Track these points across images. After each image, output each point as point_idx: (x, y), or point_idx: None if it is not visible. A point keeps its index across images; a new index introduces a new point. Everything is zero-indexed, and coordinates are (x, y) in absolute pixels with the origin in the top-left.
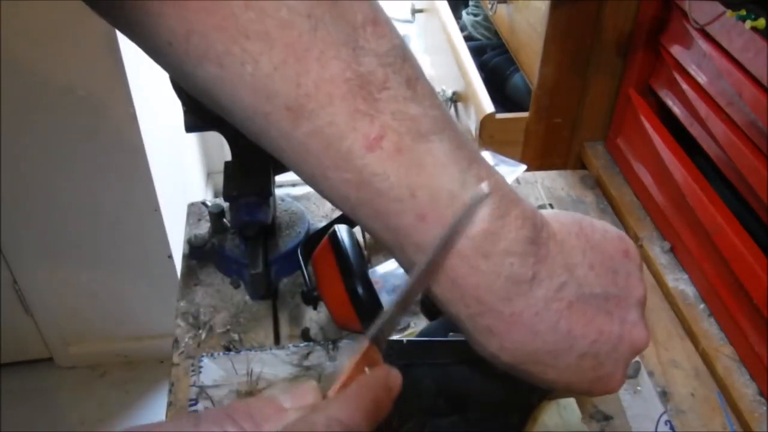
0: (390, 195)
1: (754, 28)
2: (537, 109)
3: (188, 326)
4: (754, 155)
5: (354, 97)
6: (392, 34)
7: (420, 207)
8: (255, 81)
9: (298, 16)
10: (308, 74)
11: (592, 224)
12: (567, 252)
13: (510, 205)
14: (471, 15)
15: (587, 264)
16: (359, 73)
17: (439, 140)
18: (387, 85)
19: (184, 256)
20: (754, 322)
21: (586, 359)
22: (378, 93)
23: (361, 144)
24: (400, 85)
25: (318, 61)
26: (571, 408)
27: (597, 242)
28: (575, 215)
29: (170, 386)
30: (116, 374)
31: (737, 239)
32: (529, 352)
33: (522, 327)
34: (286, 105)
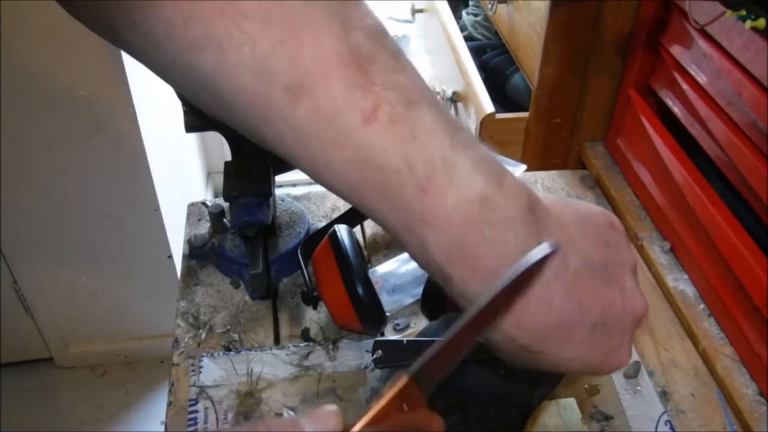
0: (389, 168)
1: (754, 28)
2: (537, 109)
3: (188, 326)
4: (754, 155)
5: (349, 71)
6: (371, 11)
7: (419, 178)
8: (254, 62)
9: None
10: (304, 51)
11: (576, 202)
12: (564, 224)
13: (502, 176)
14: (471, 15)
15: (582, 235)
16: (350, 46)
17: (427, 107)
18: (375, 57)
19: (184, 256)
20: (754, 322)
21: (597, 330)
22: (368, 65)
23: (359, 117)
24: (387, 57)
25: (312, 37)
26: (571, 408)
27: (585, 215)
28: (556, 196)
29: (170, 386)
30: (116, 374)
31: (737, 239)
32: (545, 328)
33: (536, 300)
34: (285, 85)
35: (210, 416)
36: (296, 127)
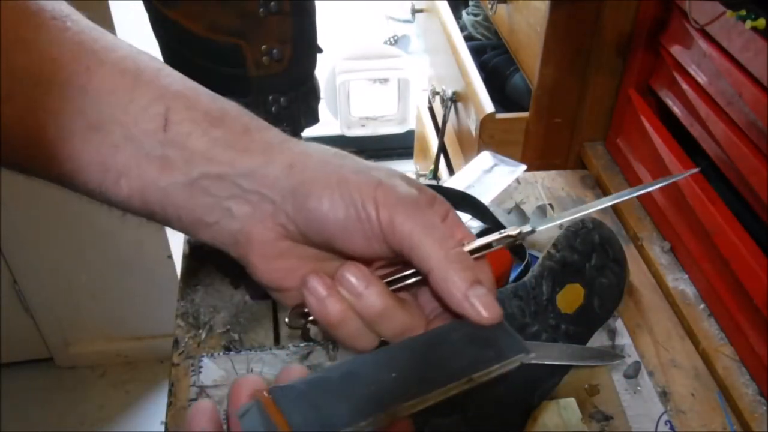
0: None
1: (754, 28)
2: (537, 109)
3: (188, 326)
4: (754, 155)
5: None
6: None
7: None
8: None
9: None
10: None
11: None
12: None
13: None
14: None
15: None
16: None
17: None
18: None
19: (184, 256)
20: (754, 322)
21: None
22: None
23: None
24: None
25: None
26: (571, 408)
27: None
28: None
29: (170, 386)
30: (116, 374)
31: (737, 239)
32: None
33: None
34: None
35: None
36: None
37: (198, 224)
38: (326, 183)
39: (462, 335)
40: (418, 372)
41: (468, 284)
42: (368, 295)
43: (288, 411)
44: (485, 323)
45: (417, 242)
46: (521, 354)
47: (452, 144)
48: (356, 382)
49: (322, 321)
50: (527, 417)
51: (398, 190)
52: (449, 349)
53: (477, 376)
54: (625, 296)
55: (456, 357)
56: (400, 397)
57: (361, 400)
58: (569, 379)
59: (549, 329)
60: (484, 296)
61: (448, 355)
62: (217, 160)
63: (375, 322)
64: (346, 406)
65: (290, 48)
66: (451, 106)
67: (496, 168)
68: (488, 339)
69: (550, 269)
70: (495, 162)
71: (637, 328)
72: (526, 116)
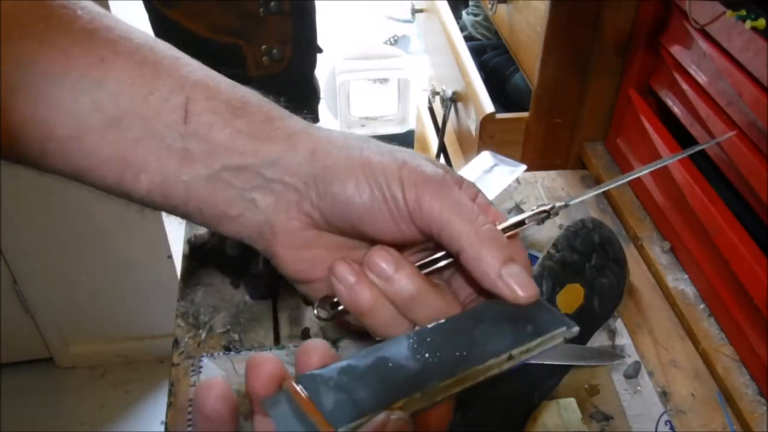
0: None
1: (754, 28)
2: (537, 109)
3: (188, 326)
4: (754, 155)
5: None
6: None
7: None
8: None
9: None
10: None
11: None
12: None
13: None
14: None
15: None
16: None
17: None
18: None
19: (184, 256)
20: (754, 322)
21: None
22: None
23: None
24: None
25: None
26: (571, 408)
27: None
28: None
29: (170, 386)
30: (116, 374)
31: (737, 239)
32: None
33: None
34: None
35: None
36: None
37: (221, 218)
38: (349, 167)
39: (498, 313)
40: (454, 352)
41: (501, 262)
42: (399, 278)
43: (318, 398)
44: (521, 302)
45: (446, 221)
46: (562, 328)
47: (452, 144)
48: (388, 365)
49: (353, 309)
50: (527, 417)
51: (424, 169)
52: (485, 328)
53: (517, 352)
54: (625, 296)
55: (493, 335)
56: (435, 377)
57: (394, 382)
58: (569, 379)
59: None
60: (518, 274)
61: (484, 334)
62: (239, 151)
63: (408, 307)
64: (379, 388)
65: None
66: (451, 106)
67: (496, 168)
68: (526, 316)
69: (550, 269)
70: (495, 162)
71: (637, 328)
72: (526, 116)
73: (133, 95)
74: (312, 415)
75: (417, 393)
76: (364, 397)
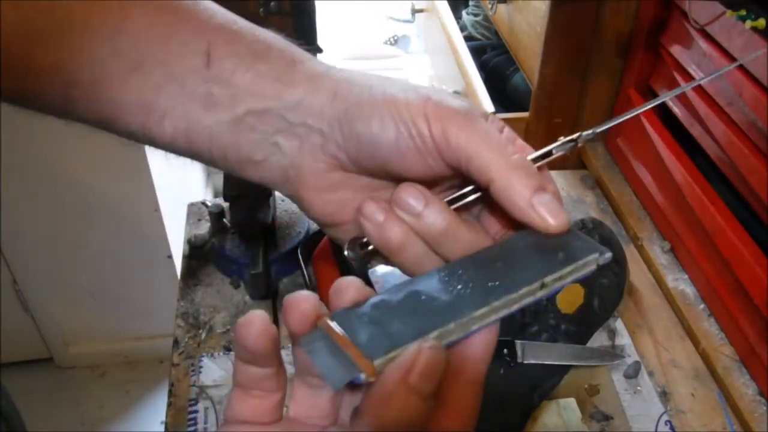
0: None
1: (754, 28)
2: (537, 109)
3: (188, 326)
4: (754, 155)
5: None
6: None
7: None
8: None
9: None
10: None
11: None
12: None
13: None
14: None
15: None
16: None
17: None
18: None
19: (184, 256)
20: (754, 322)
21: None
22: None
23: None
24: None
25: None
26: (571, 408)
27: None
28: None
29: (170, 386)
30: (116, 374)
31: (737, 239)
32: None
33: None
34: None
35: (210, 416)
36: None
37: (245, 163)
38: (373, 104)
39: (529, 243)
40: (486, 282)
41: (532, 191)
42: (428, 213)
43: (353, 333)
44: (552, 231)
45: (474, 152)
46: (595, 254)
47: None
48: (421, 298)
49: (383, 247)
50: (527, 417)
51: (449, 103)
52: (517, 258)
53: (550, 280)
54: (625, 296)
55: (525, 264)
56: (468, 307)
57: (427, 314)
58: (569, 379)
59: (549, 329)
60: (549, 203)
61: (516, 263)
62: (262, 95)
63: (438, 242)
64: (413, 320)
65: None
66: None
67: None
68: (559, 244)
69: None
70: None
71: (637, 328)
72: (526, 116)
73: (153, 40)
74: (347, 348)
75: (451, 323)
76: (399, 329)
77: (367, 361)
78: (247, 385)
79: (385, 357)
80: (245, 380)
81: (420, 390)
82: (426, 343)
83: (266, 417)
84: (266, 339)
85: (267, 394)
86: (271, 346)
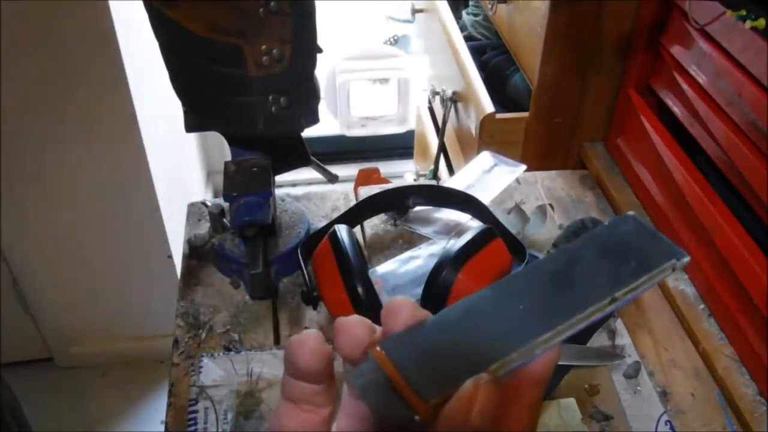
0: None
1: (754, 28)
2: (537, 109)
3: (188, 326)
4: (754, 155)
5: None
6: None
7: None
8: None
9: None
10: None
11: None
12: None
13: None
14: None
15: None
16: None
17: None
18: None
19: (184, 256)
20: (754, 322)
21: None
22: None
23: None
24: None
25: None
26: (571, 408)
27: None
28: None
29: (170, 386)
30: (116, 374)
31: (737, 239)
32: None
33: None
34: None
35: (210, 416)
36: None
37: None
38: None
39: (598, 250)
40: (550, 299)
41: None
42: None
43: (406, 365)
44: None
45: None
46: (672, 260)
47: (452, 144)
48: (478, 321)
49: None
50: None
51: None
52: (583, 269)
53: (621, 294)
54: None
55: (593, 277)
56: (531, 332)
57: (486, 341)
58: (569, 379)
59: None
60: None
61: (582, 275)
62: None
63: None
64: (471, 350)
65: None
66: (451, 106)
67: (496, 168)
68: (631, 249)
69: None
70: (495, 162)
71: (637, 328)
72: (526, 116)
73: None
74: (402, 389)
75: (512, 353)
76: (455, 361)
77: (423, 403)
78: (297, 399)
79: (441, 397)
80: (295, 395)
81: (480, 429)
82: (483, 379)
83: (315, 430)
84: (319, 360)
85: (316, 408)
86: (323, 366)
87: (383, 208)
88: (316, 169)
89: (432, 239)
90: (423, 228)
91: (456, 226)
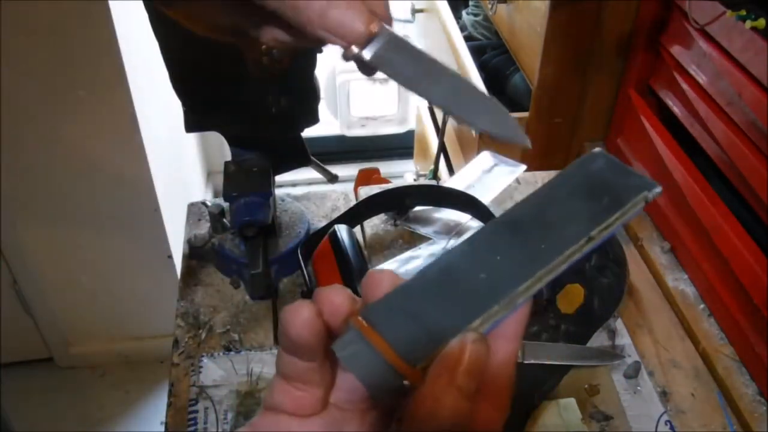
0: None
1: (754, 28)
2: (537, 109)
3: (188, 326)
4: (754, 155)
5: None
6: None
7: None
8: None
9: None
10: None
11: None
12: None
13: None
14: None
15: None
16: None
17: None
18: None
19: (184, 256)
20: (754, 322)
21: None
22: None
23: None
24: None
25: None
26: (571, 408)
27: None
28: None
29: (170, 386)
30: (116, 374)
31: (737, 239)
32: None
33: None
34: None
35: (210, 416)
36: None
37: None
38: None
39: (567, 191)
40: (526, 246)
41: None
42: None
43: (390, 331)
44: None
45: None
46: (643, 192)
47: (452, 144)
48: (457, 277)
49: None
50: (527, 417)
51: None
52: (555, 211)
53: (596, 232)
54: (625, 296)
55: (566, 217)
56: (512, 281)
57: (467, 296)
58: (569, 379)
59: (549, 329)
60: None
61: (555, 217)
62: None
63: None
64: (452, 307)
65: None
66: None
67: (496, 168)
68: (600, 186)
69: None
70: (495, 162)
71: (637, 328)
72: (526, 116)
73: None
74: (388, 354)
75: (494, 305)
76: (438, 320)
77: (410, 368)
78: (290, 376)
79: (428, 359)
80: (288, 371)
81: (468, 389)
82: (469, 338)
83: (307, 410)
84: (311, 331)
85: (309, 387)
86: (315, 339)
87: (383, 208)
88: (316, 169)
89: (432, 239)
90: (423, 228)
91: (456, 226)
